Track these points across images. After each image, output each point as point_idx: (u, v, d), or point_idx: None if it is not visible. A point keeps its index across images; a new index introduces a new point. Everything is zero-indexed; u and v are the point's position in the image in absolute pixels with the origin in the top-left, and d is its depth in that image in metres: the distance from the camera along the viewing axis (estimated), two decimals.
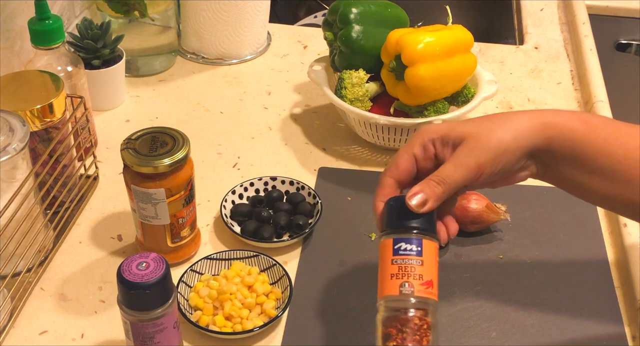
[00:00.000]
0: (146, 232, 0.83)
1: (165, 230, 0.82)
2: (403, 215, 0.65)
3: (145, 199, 0.79)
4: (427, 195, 0.65)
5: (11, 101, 0.82)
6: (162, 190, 0.78)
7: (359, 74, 0.99)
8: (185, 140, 0.79)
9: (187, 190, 0.81)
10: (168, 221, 0.81)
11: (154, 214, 0.80)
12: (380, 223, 0.68)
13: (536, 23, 1.36)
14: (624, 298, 0.83)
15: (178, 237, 0.83)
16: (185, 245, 0.85)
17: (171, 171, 0.78)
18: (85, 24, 1.04)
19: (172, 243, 0.84)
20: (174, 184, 0.79)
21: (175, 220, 0.81)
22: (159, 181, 0.78)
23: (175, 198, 0.80)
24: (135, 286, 0.65)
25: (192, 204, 0.83)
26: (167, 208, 0.80)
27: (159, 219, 0.81)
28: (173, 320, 0.69)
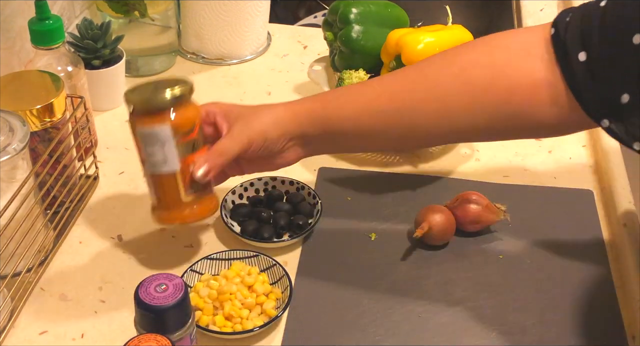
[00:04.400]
0: (158, 188, 0.79)
1: (177, 179, 0.77)
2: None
3: (151, 140, 0.76)
4: (210, 165, 0.77)
5: (11, 101, 0.82)
6: (168, 127, 0.75)
7: (359, 74, 0.99)
8: (188, 82, 0.78)
9: (195, 133, 0.77)
10: (178, 166, 0.77)
11: (163, 158, 0.76)
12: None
13: (536, 23, 1.35)
14: (623, 298, 0.83)
15: (192, 187, 0.78)
16: (202, 200, 0.80)
17: (175, 108, 0.76)
18: (85, 24, 1.04)
19: (187, 195, 0.78)
20: (180, 122, 0.76)
21: (185, 166, 0.77)
22: (163, 116, 0.75)
23: (183, 139, 0.76)
24: (151, 309, 0.63)
25: (202, 151, 0.79)
26: (175, 150, 0.76)
27: (168, 165, 0.77)
28: (191, 343, 0.68)
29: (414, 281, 0.84)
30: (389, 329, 0.79)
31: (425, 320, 0.80)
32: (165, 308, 0.63)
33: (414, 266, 0.86)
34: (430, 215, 0.86)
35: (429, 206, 0.88)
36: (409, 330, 0.79)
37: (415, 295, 0.83)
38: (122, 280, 0.84)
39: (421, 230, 0.85)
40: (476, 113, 0.74)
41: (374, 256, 0.87)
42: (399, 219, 0.92)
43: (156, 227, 0.91)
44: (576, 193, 0.97)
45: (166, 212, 0.80)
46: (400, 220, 0.92)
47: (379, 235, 0.90)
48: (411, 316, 0.80)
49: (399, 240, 0.89)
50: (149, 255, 0.88)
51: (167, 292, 0.64)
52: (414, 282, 0.84)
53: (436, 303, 0.82)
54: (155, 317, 0.64)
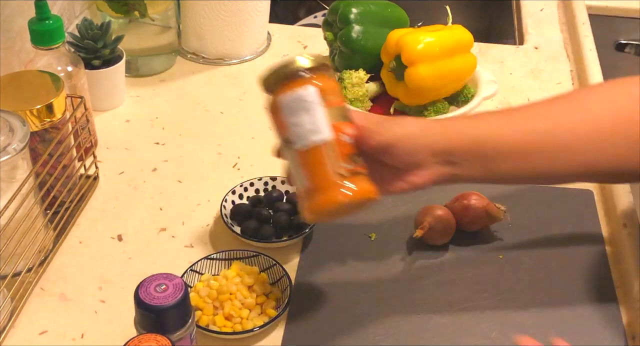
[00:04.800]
0: (307, 166, 0.68)
1: (330, 151, 0.67)
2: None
3: (296, 107, 0.68)
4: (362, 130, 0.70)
5: (11, 101, 0.82)
6: (313, 88, 0.68)
7: (359, 74, 0.99)
8: (323, 57, 0.73)
9: (342, 101, 0.70)
10: (330, 134, 0.67)
11: (312, 126, 0.67)
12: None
13: (536, 23, 1.36)
14: (624, 298, 0.83)
15: (350, 161, 0.68)
16: (359, 179, 0.68)
17: (318, 69, 0.69)
18: (85, 24, 1.04)
19: (342, 169, 0.67)
20: (325, 84, 0.68)
21: (338, 134, 0.67)
22: (306, 79, 0.68)
23: (332, 103, 0.68)
24: (151, 309, 0.63)
25: (351, 125, 0.69)
26: (324, 115, 0.67)
27: (319, 133, 0.67)
28: (191, 343, 0.68)
29: (414, 282, 0.84)
30: (389, 329, 0.79)
31: (425, 320, 0.80)
32: (165, 308, 0.63)
33: (414, 267, 0.86)
34: (430, 215, 0.86)
35: (429, 206, 0.88)
36: (409, 330, 0.79)
37: (415, 295, 0.83)
38: (122, 280, 0.84)
39: (421, 230, 0.85)
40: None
41: (374, 256, 0.87)
42: (399, 219, 0.92)
43: (156, 226, 0.91)
44: (576, 193, 0.96)
45: (321, 196, 0.67)
46: (400, 220, 0.92)
47: (379, 235, 0.90)
48: (411, 316, 0.80)
49: (399, 240, 0.89)
50: (149, 255, 0.88)
51: (167, 292, 0.64)
52: (414, 282, 0.84)
53: (436, 303, 0.82)
54: (155, 317, 0.64)
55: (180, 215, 0.93)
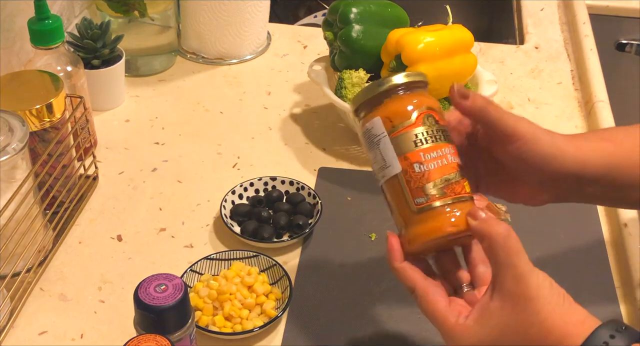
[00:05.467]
0: (391, 202, 0.63)
1: (402, 185, 0.61)
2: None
3: (367, 141, 0.64)
4: (472, 96, 0.63)
5: (11, 101, 0.82)
6: (378, 119, 0.62)
7: (359, 73, 0.99)
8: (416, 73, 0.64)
9: (418, 123, 0.61)
10: (399, 167, 0.61)
11: (382, 160, 0.63)
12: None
13: (536, 23, 1.36)
14: (624, 298, 0.83)
15: (422, 194, 0.60)
16: (437, 213, 0.61)
17: (388, 98, 0.62)
18: (84, 24, 1.04)
19: (417, 205, 0.61)
20: (391, 110, 0.62)
21: (408, 165, 0.61)
22: (374, 109, 0.63)
23: (400, 131, 0.61)
24: (150, 309, 0.63)
25: (434, 147, 0.61)
26: (391, 147, 0.62)
27: (388, 167, 0.62)
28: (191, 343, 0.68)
29: None
30: (389, 329, 0.79)
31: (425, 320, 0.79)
32: (164, 308, 0.63)
33: None
34: None
35: None
36: (409, 330, 0.79)
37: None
38: (121, 280, 0.84)
39: None
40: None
41: (374, 256, 0.87)
42: None
43: (156, 226, 0.91)
44: None
45: (404, 231, 0.63)
46: None
47: (379, 235, 0.90)
48: (411, 316, 0.80)
49: None
50: (148, 255, 0.87)
51: (167, 292, 0.64)
52: None
53: None
54: (155, 317, 0.64)
55: (180, 215, 0.93)
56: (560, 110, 1.14)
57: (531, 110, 1.13)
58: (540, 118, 1.11)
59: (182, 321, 0.66)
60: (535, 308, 0.57)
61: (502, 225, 0.58)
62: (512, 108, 1.14)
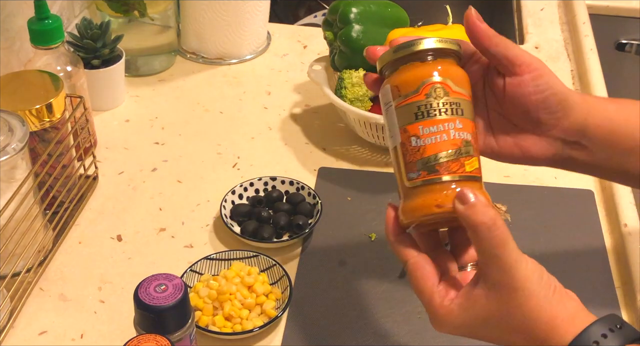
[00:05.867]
0: (394, 171, 0.61)
1: (399, 157, 0.60)
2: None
3: (383, 109, 0.62)
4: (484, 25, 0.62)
5: (11, 101, 0.82)
6: (388, 88, 0.60)
7: (359, 73, 0.99)
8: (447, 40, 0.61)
9: (422, 94, 0.58)
10: (399, 138, 0.59)
11: (389, 129, 0.61)
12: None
13: (536, 23, 1.36)
14: (624, 298, 0.83)
15: (414, 169, 0.58)
16: (426, 190, 0.58)
17: (402, 61, 0.60)
18: (84, 24, 1.04)
19: (409, 180, 0.59)
20: (402, 79, 0.59)
21: (406, 137, 0.59)
22: (388, 76, 0.61)
23: (403, 102, 0.59)
24: (150, 309, 0.63)
25: (435, 121, 0.58)
26: (395, 117, 0.59)
27: (392, 137, 0.60)
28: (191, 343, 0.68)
29: None
30: (389, 329, 0.79)
31: (425, 320, 0.79)
32: (164, 308, 0.63)
33: None
34: None
35: None
36: (409, 330, 0.79)
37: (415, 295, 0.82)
38: (121, 280, 0.84)
39: None
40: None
41: (374, 256, 0.87)
42: None
43: (156, 226, 0.91)
44: (577, 193, 0.96)
45: (400, 203, 0.60)
46: None
47: (379, 235, 0.90)
48: (411, 317, 0.80)
49: None
50: (148, 255, 0.87)
51: (167, 292, 0.64)
52: None
53: None
54: (155, 317, 0.64)
55: (180, 215, 0.93)
56: None
57: None
58: None
59: (182, 321, 0.66)
60: (519, 300, 0.56)
61: (488, 214, 0.55)
62: None
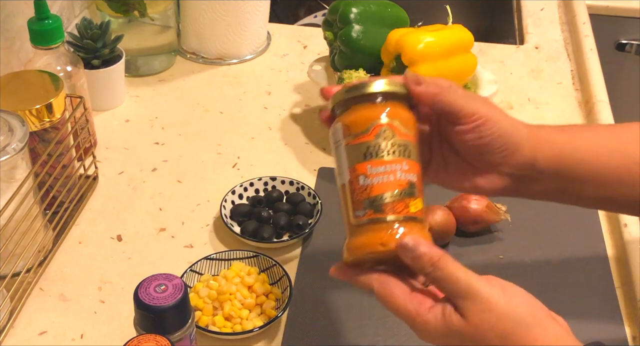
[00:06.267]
0: (341, 208, 0.62)
1: (346, 195, 0.61)
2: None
3: (332, 146, 0.63)
4: (425, 82, 0.63)
5: (11, 101, 0.82)
6: (340, 126, 0.61)
7: (359, 73, 0.99)
8: (391, 82, 0.62)
9: (372, 135, 0.60)
10: (348, 177, 0.60)
11: (338, 166, 0.62)
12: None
13: (536, 23, 1.36)
14: (624, 298, 0.83)
15: (361, 207, 0.59)
16: (371, 229, 0.59)
17: (353, 101, 0.61)
18: (84, 24, 1.04)
19: (355, 218, 0.60)
20: (353, 119, 0.61)
21: (354, 176, 0.60)
22: (339, 114, 0.63)
23: (353, 141, 0.60)
24: (150, 309, 0.63)
25: (383, 162, 0.59)
26: (345, 155, 0.61)
27: (341, 174, 0.62)
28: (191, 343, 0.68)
29: None
30: (389, 329, 0.79)
31: None
32: (164, 308, 0.63)
33: None
34: (430, 215, 0.86)
35: (429, 206, 0.88)
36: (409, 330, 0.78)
37: None
38: (121, 280, 0.84)
39: None
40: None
41: None
42: None
43: (156, 227, 0.91)
44: None
45: (351, 240, 0.61)
46: None
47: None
48: None
49: None
50: (148, 255, 0.87)
51: (167, 292, 0.64)
52: None
53: None
54: (155, 317, 0.64)
55: (180, 215, 0.93)
56: (560, 110, 1.14)
57: (531, 110, 1.13)
58: (540, 118, 1.11)
59: (182, 321, 0.66)
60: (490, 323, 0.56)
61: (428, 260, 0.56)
62: (512, 108, 1.14)
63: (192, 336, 0.68)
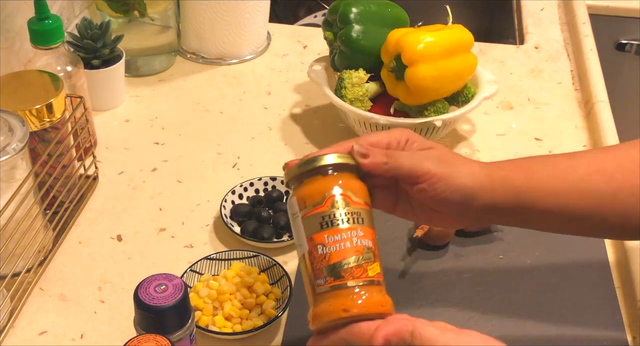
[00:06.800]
0: (303, 278, 0.65)
1: (307, 265, 0.63)
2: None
3: (290, 218, 0.67)
4: (372, 154, 0.66)
5: (11, 101, 0.82)
6: (295, 200, 0.65)
7: (359, 73, 0.99)
8: (343, 156, 0.66)
9: (326, 206, 0.63)
10: (306, 247, 0.63)
11: (296, 238, 0.65)
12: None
13: (536, 23, 1.36)
14: (624, 298, 0.83)
15: (322, 276, 0.62)
16: (332, 296, 0.61)
17: (306, 175, 0.65)
18: (84, 24, 1.04)
19: (317, 286, 0.62)
20: (307, 192, 0.64)
21: (313, 246, 0.63)
22: (294, 189, 0.66)
23: (309, 212, 0.63)
24: (150, 309, 0.63)
25: (339, 230, 0.62)
26: (302, 227, 0.64)
27: (300, 245, 0.65)
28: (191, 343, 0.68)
29: (414, 282, 0.84)
30: None
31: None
32: (164, 308, 0.63)
33: (414, 266, 0.86)
34: None
35: None
36: None
37: (415, 295, 0.83)
38: (121, 280, 0.84)
39: (421, 230, 0.85)
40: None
41: None
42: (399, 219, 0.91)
43: (156, 227, 0.91)
44: None
45: (315, 309, 0.63)
46: (400, 220, 0.91)
47: (379, 235, 0.90)
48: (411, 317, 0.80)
49: (399, 240, 0.89)
50: (148, 255, 0.87)
51: (167, 292, 0.64)
52: (414, 282, 0.84)
53: (436, 303, 0.82)
54: (155, 317, 0.64)
55: (180, 215, 0.93)
56: (560, 110, 1.14)
57: (531, 110, 1.13)
58: (540, 118, 1.11)
59: (182, 321, 0.66)
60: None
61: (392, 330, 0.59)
62: (512, 108, 1.14)
63: (192, 336, 0.68)
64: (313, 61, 1.08)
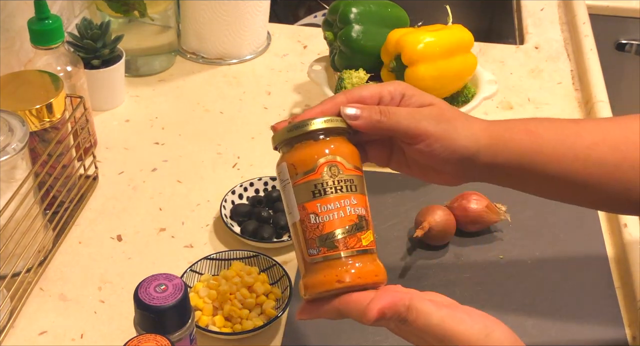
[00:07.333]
0: (294, 246, 0.64)
1: (299, 234, 0.62)
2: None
3: (280, 185, 0.64)
4: (364, 113, 0.63)
5: (11, 101, 0.82)
6: (285, 166, 0.63)
7: (359, 73, 0.99)
8: (333, 119, 0.63)
9: (318, 173, 0.61)
10: (298, 215, 0.62)
11: (287, 205, 0.63)
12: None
13: (536, 23, 1.36)
14: (624, 298, 0.83)
15: (315, 245, 0.61)
16: (326, 266, 0.60)
17: (297, 140, 0.63)
18: (84, 24, 1.04)
19: (309, 256, 0.61)
20: (298, 158, 0.62)
21: (305, 215, 0.61)
22: (284, 154, 0.64)
23: (301, 180, 0.61)
24: (150, 309, 0.63)
25: (332, 199, 0.61)
26: (293, 195, 0.62)
27: (291, 214, 0.63)
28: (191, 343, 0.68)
29: (414, 282, 0.84)
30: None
31: None
32: (164, 308, 0.63)
33: (414, 267, 0.86)
34: (430, 215, 0.86)
35: (429, 206, 0.88)
36: None
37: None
38: (121, 280, 0.84)
39: (421, 230, 0.85)
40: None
41: None
42: (399, 219, 0.92)
43: (156, 226, 0.91)
44: None
45: (308, 278, 0.62)
46: (400, 220, 0.92)
47: (379, 235, 0.90)
48: None
49: (399, 240, 0.89)
50: (148, 255, 0.87)
51: (167, 292, 0.64)
52: (414, 282, 0.84)
53: None
54: (155, 317, 0.64)
55: (180, 215, 0.93)
56: (560, 110, 1.14)
57: (531, 110, 1.13)
58: None
59: (182, 321, 0.66)
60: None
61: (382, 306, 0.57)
62: (512, 108, 1.14)
63: (192, 336, 0.68)
64: (313, 61, 1.08)
